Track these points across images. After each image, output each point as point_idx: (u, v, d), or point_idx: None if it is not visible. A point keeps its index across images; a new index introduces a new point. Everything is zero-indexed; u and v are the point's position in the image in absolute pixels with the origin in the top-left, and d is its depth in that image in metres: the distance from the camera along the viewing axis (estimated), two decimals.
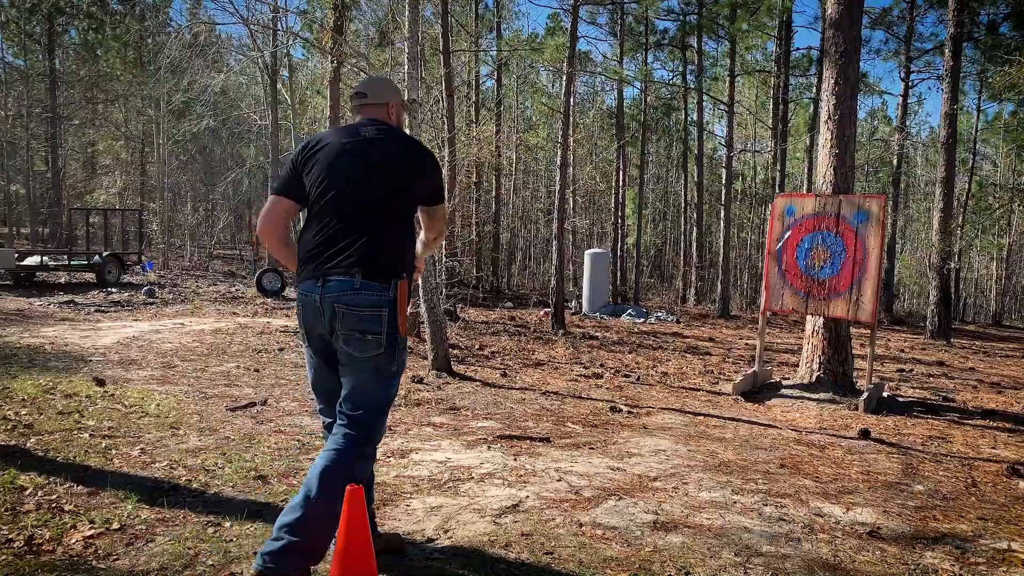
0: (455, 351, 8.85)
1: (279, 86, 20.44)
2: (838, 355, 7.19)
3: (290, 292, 16.26)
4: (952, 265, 17.35)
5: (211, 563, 2.68)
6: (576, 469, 4.13)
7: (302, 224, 2.81)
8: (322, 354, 2.61)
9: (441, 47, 13.65)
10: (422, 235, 2.89)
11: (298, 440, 4.44)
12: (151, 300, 13.48)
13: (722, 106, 22.70)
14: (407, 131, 3.17)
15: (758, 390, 7.24)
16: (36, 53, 26.32)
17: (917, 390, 8.00)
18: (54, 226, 25.16)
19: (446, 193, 2.83)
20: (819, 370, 7.16)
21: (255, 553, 2.76)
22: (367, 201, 2.54)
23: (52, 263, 15.69)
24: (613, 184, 24.03)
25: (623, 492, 3.75)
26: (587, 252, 16.97)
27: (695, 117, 23.43)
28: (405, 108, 2.96)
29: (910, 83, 21.92)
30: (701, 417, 5.93)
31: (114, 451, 3.98)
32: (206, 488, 3.48)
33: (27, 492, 3.27)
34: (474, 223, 20.48)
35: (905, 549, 3.18)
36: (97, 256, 16.02)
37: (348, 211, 2.53)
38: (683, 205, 29.01)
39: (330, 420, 2.69)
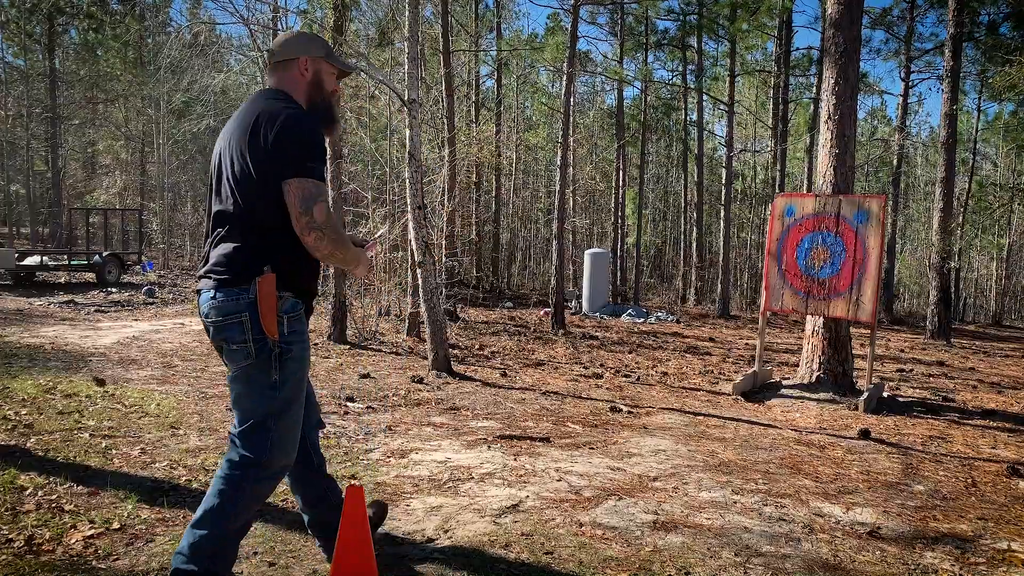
0: (455, 351, 8.85)
1: None
2: (838, 355, 7.18)
3: None
4: (952, 265, 17.35)
5: None
6: (576, 469, 4.13)
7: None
8: None
9: (441, 47, 13.66)
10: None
11: None
12: (151, 300, 13.48)
13: (722, 106, 22.71)
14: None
15: (758, 390, 7.24)
16: (36, 53, 26.32)
17: (917, 390, 8.00)
18: (54, 226, 25.16)
19: (312, 167, 2.17)
20: (819, 370, 7.16)
21: (255, 553, 2.77)
22: (221, 194, 2.23)
23: (52, 263, 15.69)
24: (613, 184, 24.02)
25: (623, 492, 3.75)
26: (587, 252, 16.97)
27: (695, 117, 23.43)
28: (334, 64, 2.42)
29: (910, 83, 21.92)
30: (701, 417, 5.93)
31: (114, 451, 3.98)
32: (206, 488, 3.47)
33: (27, 492, 3.27)
34: (474, 223, 20.48)
35: (905, 549, 3.18)
36: (97, 256, 16.02)
37: (210, 210, 2.28)
38: (683, 205, 29.01)
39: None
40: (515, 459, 4.28)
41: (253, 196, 2.17)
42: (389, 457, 4.19)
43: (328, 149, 9.68)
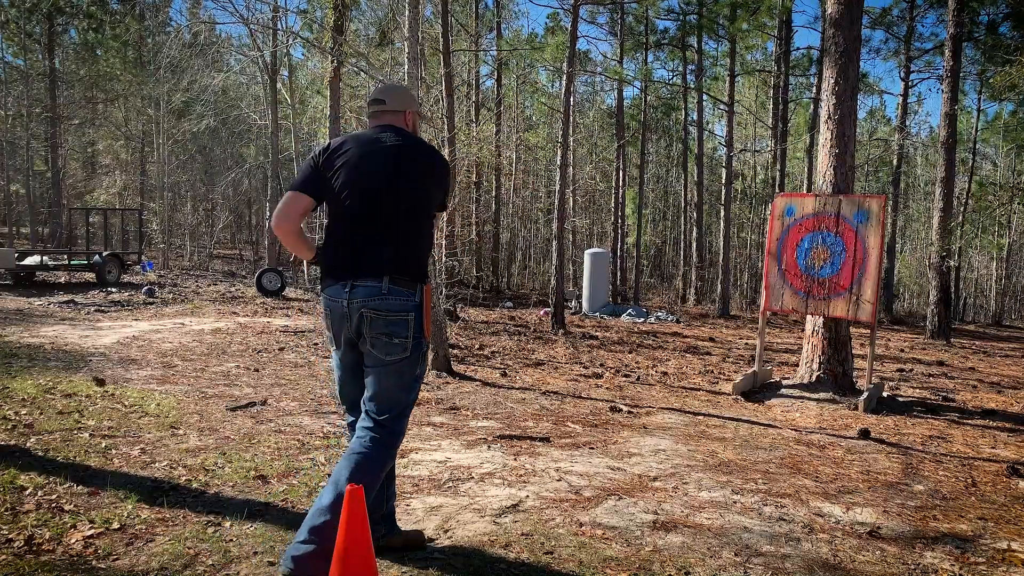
0: (455, 351, 8.85)
1: (279, 86, 20.44)
2: (838, 355, 7.19)
3: (289, 292, 16.26)
4: (952, 265, 17.35)
5: (211, 563, 2.68)
6: (576, 469, 4.13)
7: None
8: (348, 357, 2.69)
9: (441, 47, 13.65)
10: None
11: (298, 440, 4.44)
12: (151, 300, 13.48)
13: (722, 106, 22.70)
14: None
15: (758, 390, 7.24)
16: (36, 53, 26.30)
17: (917, 390, 8.00)
18: (54, 226, 25.16)
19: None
20: (819, 370, 7.16)
21: (255, 553, 2.76)
22: (393, 208, 2.59)
23: (52, 263, 15.68)
24: (613, 184, 24.02)
25: (623, 492, 3.75)
26: (587, 252, 16.97)
27: (695, 117, 23.43)
28: (421, 117, 3.01)
29: (910, 83, 21.93)
30: (701, 417, 5.93)
31: (114, 451, 3.98)
32: (206, 488, 3.48)
33: (27, 492, 3.27)
34: (474, 223, 20.47)
35: (905, 549, 3.18)
36: (97, 256, 16.01)
37: (375, 217, 2.59)
38: (683, 205, 29.00)
39: (353, 419, 2.78)
40: (515, 459, 4.28)
41: (419, 218, 2.64)
42: None
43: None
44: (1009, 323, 26.65)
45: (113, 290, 14.74)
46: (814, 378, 7.15)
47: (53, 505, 3.14)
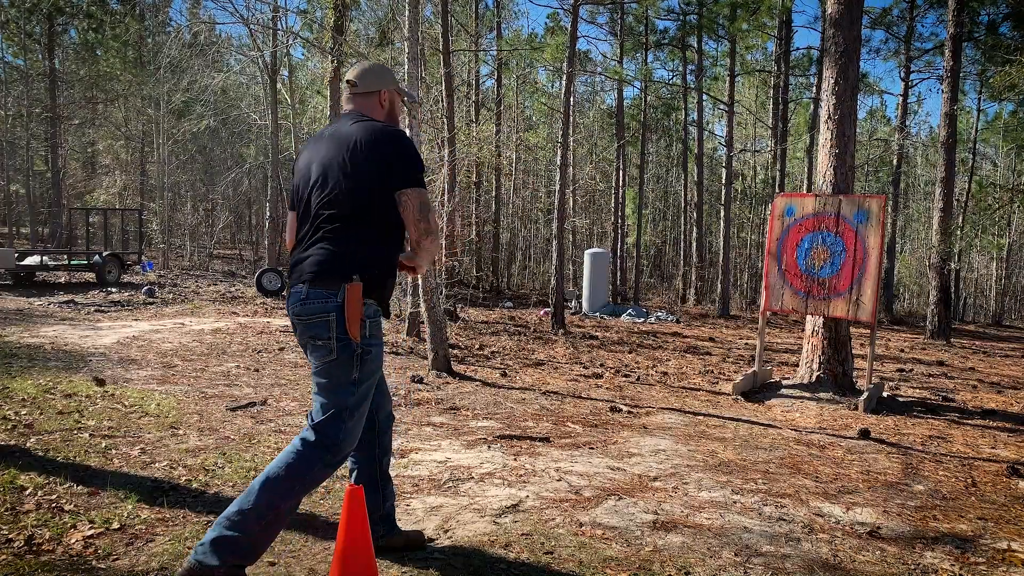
0: (455, 351, 8.85)
1: (279, 86, 20.43)
2: (838, 355, 7.18)
3: None
4: (952, 265, 17.35)
5: None
6: (576, 469, 4.13)
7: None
8: None
9: (441, 47, 13.65)
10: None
11: None
12: (151, 300, 13.48)
13: (722, 106, 22.70)
14: (404, 121, 3.08)
15: (758, 390, 7.24)
16: (36, 53, 26.30)
17: (917, 390, 8.00)
18: (54, 226, 25.16)
19: (423, 179, 2.50)
20: (819, 370, 7.16)
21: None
22: (321, 203, 2.47)
23: (52, 263, 15.68)
24: (613, 184, 24.02)
25: (623, 492, 3.75)
26: (587, 252, 16.97)
27: (695, 117, 23.42)
28: (401, 95, 2.74)
29: (910, 83, 21.94)
30: (701, 417, 5.93)
31: (114, 451, 3.98)
32: (206, 488, 3.48)
33: (27, 492, 3.27)
34: (474, 223, 20.47)
35: (905, 549, 3.18)
36: (97, 256, 16.02)
37: (308, 216, 2.51)
38: (683, 205, 28.99)
39: None
40: (515, 459, 4.28)
41: (354, 207, 2.43)
42: None
43: None
44: (1009, 323, 26.65)
45: (113, 290, 14.74)
46: (814, 378, 7.15)
47: (53, 505, 3.14)
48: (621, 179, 23.30)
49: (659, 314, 16.36)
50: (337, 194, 2.43)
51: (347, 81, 2.65)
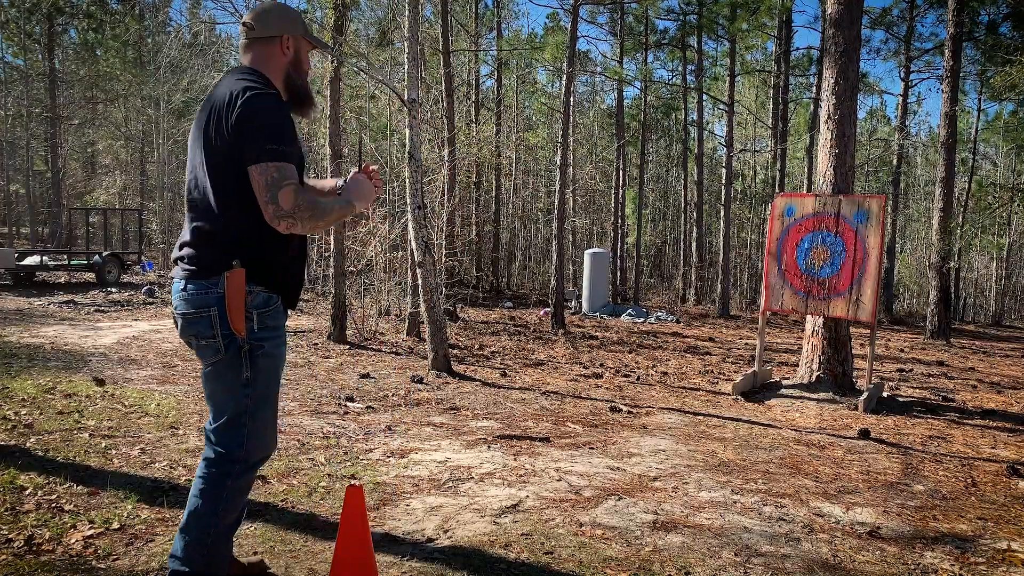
0: (455, 351, 8.85)
1: None
2: (838, 355, 7.18)
3: None
4: (952, 265, 17.35)
5: None
6: (576, 469, 4.13)
7: None
8: None
9: (441, 47, 13.65)
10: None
11: (298, 440, 4.44)
12: (151, 300, 13.48)
13: (722, 106, 22.70)
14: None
15: (758, 390, 7.24)
16: (36, 53, 26.31)
17: (917, 390, 8.00)
18: (54, 226, 25.16)
19: (276, 150, 2.04)
20: (819, 370, 7.16)
21: (254, 553, 2.76)
22: (192, 181, 2.17)
23: (52, 263, 15.69)
24: (613, 184, 24.02)
25: (623, 492, 3.75)
26: (587, 252, 16.97)
27: (695, 117, 23.42)
28: (312, 43, 2.32)
29: (910, 83, 21.94)
30: (701, 417, 5.93)
31: (114, 451, 3.98)
32: None
33: (27, 492, 3.27)
34: (474, 223, 20.47)
35: (905, 549, 3.18)
36: (97, 256, 16.02)
37: (185, 198, 2.23)
38: (683, 205, 28.99)
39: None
40: (515, 459, 4.28)
41: (219, 184, 2.09)
42: (389, 457, 4.19)
43: (329, 151, 9.67)
44: (1009, 323, 26.65)
45: (113, 290, 14.74)
46: (814, 378, 7.15)
47: (53, 505, 3.13)
48: (621, 179, 23.30)
49: (659, 314, 16.37)
50: (211, 168, 2.10)
51: (242, 23, 2.23)
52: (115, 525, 2.96)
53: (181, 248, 2.19)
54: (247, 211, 2.08)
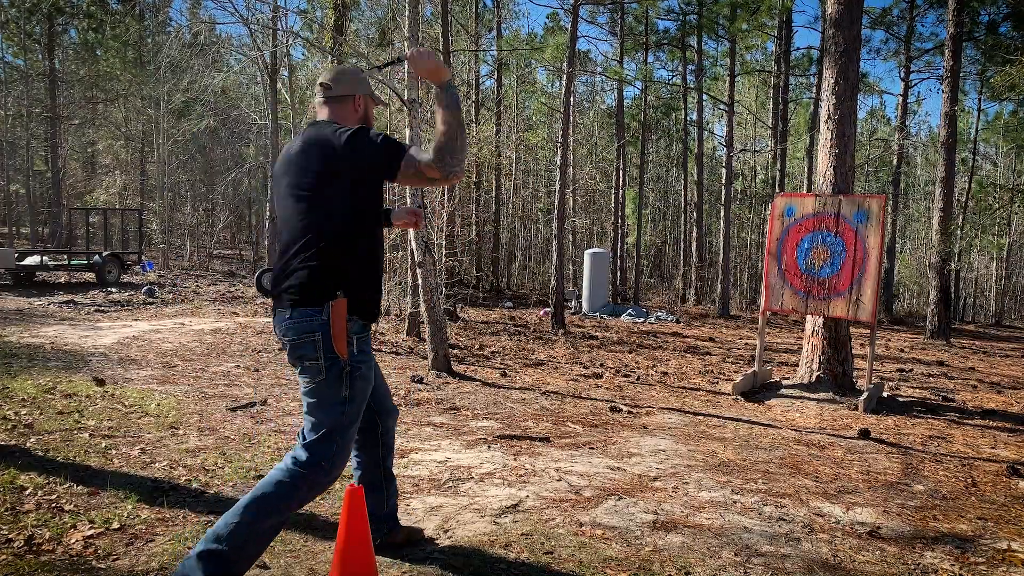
0: (455, 351, 8.85)
1: (279, 86, 20.42)
2: (838, 355, 7.18)
3: None
4: (952, 265, 17.35)
5: None
6: (576, 469, 4.13)
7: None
8: None
9: (441, 47, 13.65)
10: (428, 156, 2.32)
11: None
12: (151, 300, 13.48)
13: (722, 106, 22.70)
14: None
15: (758, 390, 7.24)
16: (36, 53, 26.30)
17: (917, 390, 8.00)
18: (54, 226, 25.16)
19: (397, 146, 2.33)
20: (819, 370, 7.16)
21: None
22: (288, 222, 2.40)
23: (52, 263, 15.69)
24: (613, 184, 24.01)
25: (623, 492, 3.75)
26: (587, 252, 16.97)
27: (695, 117, 23.42)
28: (375, 101, 2.62)
29: (910, 83, 21.94)
30: (701, 417, 5.93)
31: (114, 451, 3.98)
32: (206, 488, 3.48)
33: (27, 492, 3.27)
34: (474, 223, 20.46)
35: (905, 549, 3.18)
36: (97, 256, 16.01)
37: (280, 236, 2.46)
38: (683, 205, 28.99)
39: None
40: (515, 459, 4.28)
41: (324, 223, 2.35)
42: None
43: None
44: (1009, 323, 26.65)
45: (113, 290, 14.74)
46: (814, 378, 7.15)
47: (53, 505, 3.14)
48: (621, 179, 23.30)
49: (659, 314, 16.37)
50: (304, 208, 2.35)
51: (320, 84, 2.53)
52: (115, 525, 2.96)
53: (284, 279, 2.39)
54: (348, 249, 2.37)
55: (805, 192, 15.38)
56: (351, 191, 2.37)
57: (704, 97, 23.44)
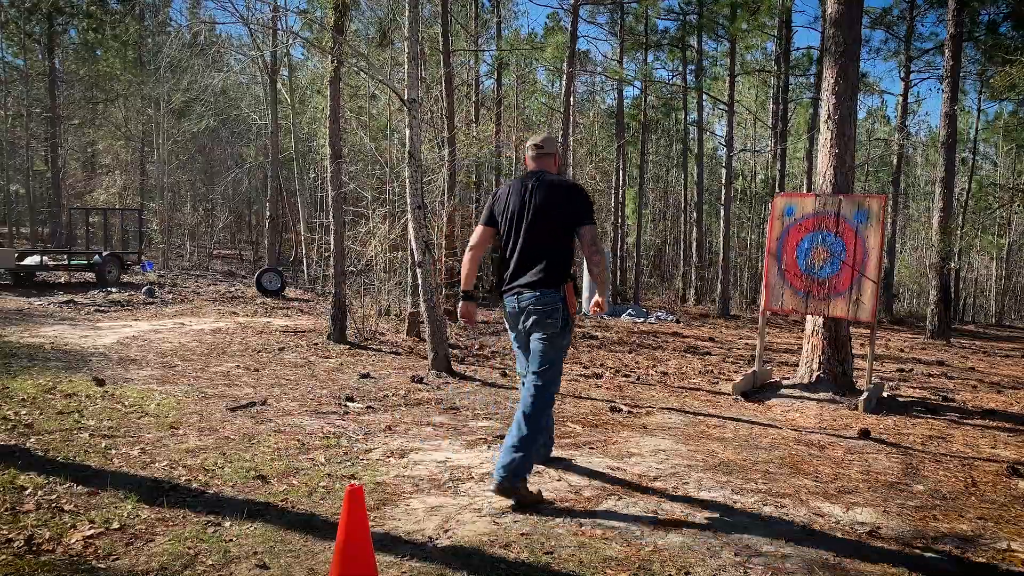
0: (455, 351, 8.85)
1: (279, 86, 20.44)
2: (838, 355, 7.18)
3: (289, 292, 16.26)
4: (952, 265, 17.35)
5: (211, 563, 2.68)
6: (576, 469, 4.13)
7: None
8: (520, 340, 3.80)
9: (441, 47, 13.65)
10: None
11: (298, 440, 4.44)
12: (151, 300, 13.48)
13: (722, 106, 22.70)
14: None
15: (758, 390, 7.24)
16: (36, 53, 26.31)
17: (917, 390, 8.00)
18: (54, 226, 25.16)
19: (595, 217, 3.67)
20: (819, 370, 7.16)
21: (254, 553, 2.76)
22: (536, 236, 3.65)
23: (52, 263, 15.69)
24: (613, 184, 24.02)
25: (623, 492, 3.75)
26: None
27: (695, 117, 23.44)
28: (559, 157, 3.99)
29: (910, 83, 21.95)
30: (701, 417, 5.93)
31: (114, 451, 3.98)
32: (206, 488, 3.48)
33: (27, 492, 3.27)
34: (474, 223, 20.44)
35: (905, 549, 3.18)
36: (97, 256, 16.02)
37: (527, 245, 3.65)
38: (683, 204, 29.01)
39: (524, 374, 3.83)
40: None
41: (558, 239, 3.64)
42: (389, 457, 4.19)
43: (329, 151, 9.68)
44: (1009, 323, 26.65)
45: (113, 290, 14.74)
46: (814, 378, 7.15)
47: (53, 505, 3.14)
48: (621, 179, 23.31)
49: (659, 314, 16.37)
50: (551, 226, 3.62)
51: (534, 145, 3.85)
52: (115, 525, 2.96)
53: (532, 275, 3.62)
54: (568, 252, 3.69)
55: (805, 192, 15.38)
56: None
57: (704, 97, 23.45)
